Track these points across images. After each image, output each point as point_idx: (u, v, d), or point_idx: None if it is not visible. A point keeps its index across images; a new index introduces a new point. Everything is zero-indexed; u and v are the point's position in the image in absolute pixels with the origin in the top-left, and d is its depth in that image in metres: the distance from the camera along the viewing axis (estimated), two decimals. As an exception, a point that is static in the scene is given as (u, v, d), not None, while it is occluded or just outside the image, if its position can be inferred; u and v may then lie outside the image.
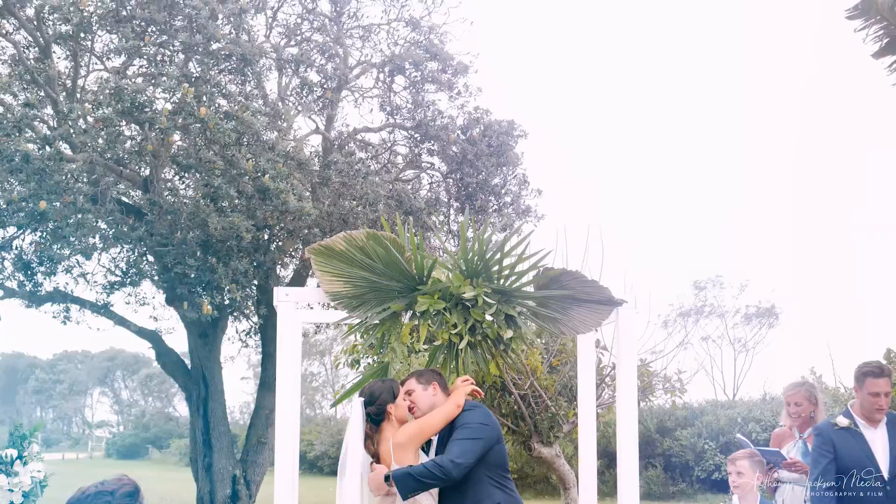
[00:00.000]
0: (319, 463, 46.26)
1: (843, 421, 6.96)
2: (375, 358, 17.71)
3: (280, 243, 15.56)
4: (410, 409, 6.10)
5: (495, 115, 16.15)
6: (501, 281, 6.20)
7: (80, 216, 13.52)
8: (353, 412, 6.14)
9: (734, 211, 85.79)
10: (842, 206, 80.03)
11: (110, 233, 15.04)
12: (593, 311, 6.25)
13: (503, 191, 16.00)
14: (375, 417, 6.11)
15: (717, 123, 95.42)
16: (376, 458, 6.07)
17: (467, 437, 5.88)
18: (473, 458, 5.83)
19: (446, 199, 16.53)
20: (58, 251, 14.31)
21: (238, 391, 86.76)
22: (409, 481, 5.81)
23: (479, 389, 6.27)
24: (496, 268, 6.16)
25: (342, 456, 6.09)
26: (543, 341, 21.83)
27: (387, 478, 5.86)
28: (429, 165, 17.26)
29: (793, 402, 7.80)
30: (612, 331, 7.14)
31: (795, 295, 72.52)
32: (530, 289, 6.23)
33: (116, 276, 16.84)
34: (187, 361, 18.32)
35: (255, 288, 16.23)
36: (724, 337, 51.54)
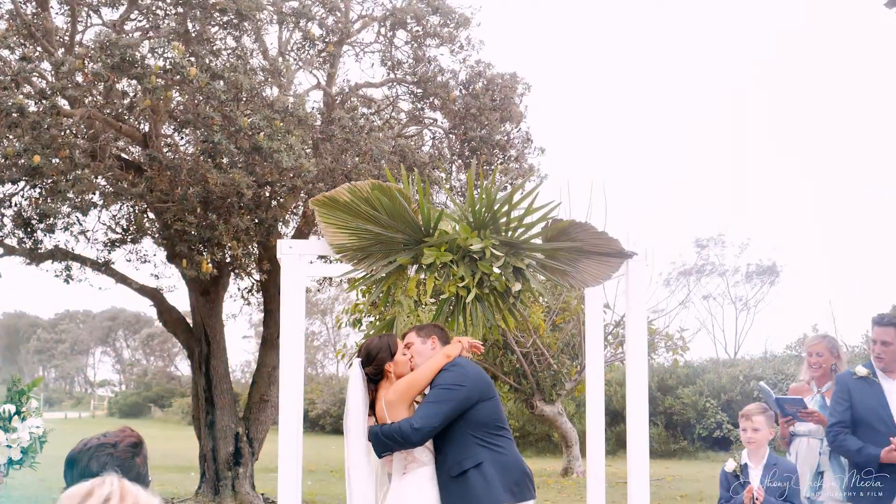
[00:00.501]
0: (321, 421, 46.51)
1: (861, 370, 7.06)
2: (378, 316, 17.74)
3: (282, 200, 15.41)
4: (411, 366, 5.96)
5: (497, 69, 15.96)
6: (509, 233, 6.07)
7: (77, 172, 13.36)
8: (352, 373, 5.98)
9: (736, 169, 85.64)
10: (846, 162, 79.85)
11: (110, 189, 14.89)
12: (603, 264, 6.13)
13: (507, 144, 15.81)
14: (374, 377, 5.96)
15: (720, 80, 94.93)
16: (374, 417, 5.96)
17: (433, 401, 5.72)
18: (438, 422, 5.65)
19: (449, 156, 16.33)
20: (53, 207, 14.15)
21: (239, 350, 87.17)
22: (377, 441, 5.71)
23: (477, 344, 6.12)
24: (504, 219, 6.04)
25: (345, 419, 5.96)
26: (545, 300, 21.83)
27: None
28: (431, 121, 17.06)
29: (814, 353, 7.76)
30: (615, 287, 6.99)
31: (797, 253, 72.62)
32: (539, 241, 6.11)
33: (117, 233, 16.73)
34: (189, 319, 18.23)
35: (256, 245, 16.10)
36: (726, 295, 51.63)
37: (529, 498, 5.82)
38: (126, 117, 14.84)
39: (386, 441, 5.66)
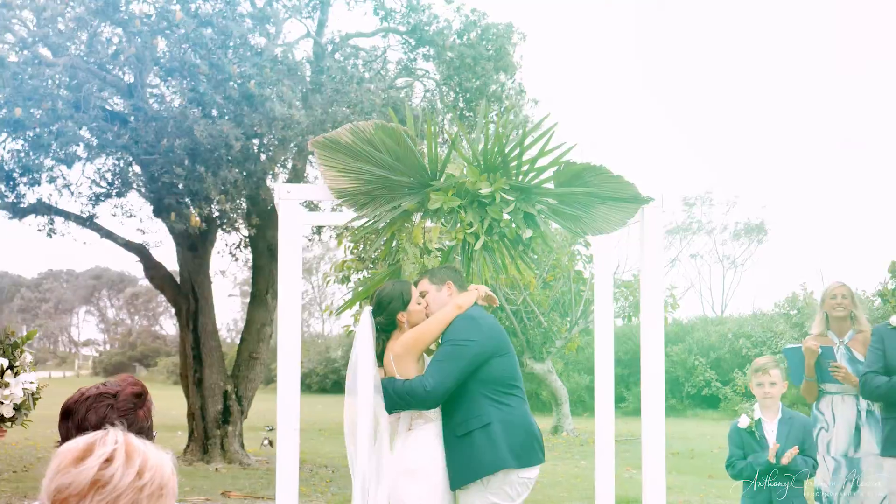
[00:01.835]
0: (307, 381, 46.47)
1: (895, 320, 6.85)
2: (366, 273, 17.49)
3: (271, 153, 15.05)
4: (427, 314, 5.63)
5: (492, 19, 15.60)
6: (520, 177, 5.75)
7: (61, 122, 12.98)
8: (361, 322, 5.59)
9: (725, 126, 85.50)
10: (834, 120, 79.75)
11: (94, 142, 14.49)
12: (617, 210, 5.80)
13: (503, 96, 15.48)
14: (385, 327, 5.61)
15: (710, 37, 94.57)
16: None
17: (444, 359, 5.37)
18: (452, 383, 5.32)
19: (441, 108, 15.98)
20: (36, 160, 13.77)
21: (224, 309, 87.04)
22: (389, 398, 5.39)
23: (493, 296, 5.82)
24: (515, 163, 5.72)
25: (351, 371, 5.59)
26: (536, 255, 21.62)
27: None
28: (423, 73, 16.70)
29: (839, 295, 7.53)
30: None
31: (785, 211, 72.73)
32: (550, 185, 5.79)
33: (102, 187, 16.34)
34: (175, 276, 17.93)
35: (244, 200, 15.77)
36: (713, 253, 51.66)
37: (536, 462, 5.49)
38: (110, 68, 14.42)
39: (398, 400, 5.35)
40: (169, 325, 78.03)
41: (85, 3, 12.24)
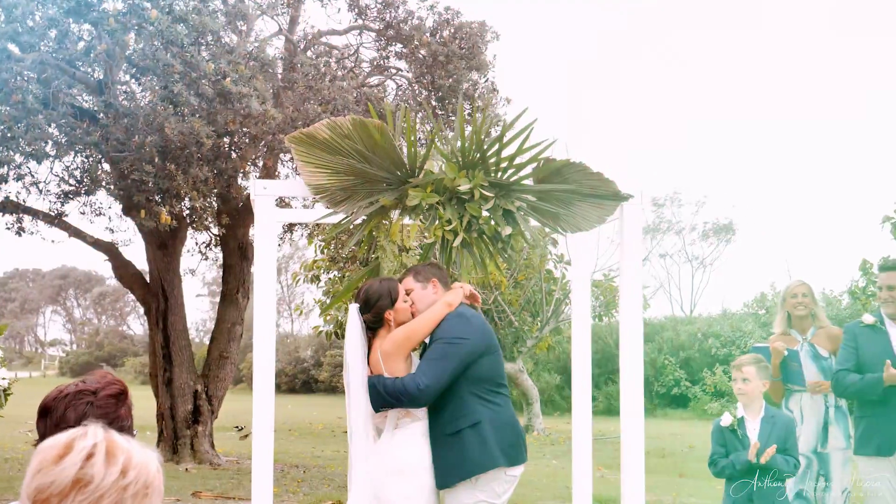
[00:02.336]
0: (276, 380, 46.07)
1: (868, 318, 7.05)
2: (337, 273, 17.27)
3: (240, 152, 14.90)
4: (412, 312, 5.58)
5: (465, 17, 15.54)
6: (499, 173, 5.70)
7: (30, 118, 12.78)
8: (349, 320, 5.53)
9: (694, 127, 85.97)
10: (803, 120, 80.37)
11: (63, 139, 14.29)
12: (597, 207, 5.78)
13: (476, 94, 15.42)
14: (372, 325, 5.54)
15: (680, 37, 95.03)
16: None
17: (437, 357, 5.32)
18: (445, 381, 5.28)
19: (414, 105, 15.90)
20: (5, 154, 13.55)
21: (192, 309, 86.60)
22: (378, 396, 5.33)
23: (477, 294, 5.77)
24: (494, 159, 5.66)
25: (345, 373, 5.54)
26: (515, 252, 21.61)
27: None
28: (396, 71, 16.62)
29: (799, 293, 7.58)
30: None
31: (754, 211, 73.24)
32: (530, 182, 5.75)
33: (70, 185, 16.11)
34: (145, 275, 17.75)
35: (215, 199, 15.61)
36: (682, 253, 51.94)
37: (522, 461, 5.49)
38: (79, 65, 14.22)
39: (388, 399, 5.30)
40: (136, 325, 77.63)
41: (57, 4, 12.06)
